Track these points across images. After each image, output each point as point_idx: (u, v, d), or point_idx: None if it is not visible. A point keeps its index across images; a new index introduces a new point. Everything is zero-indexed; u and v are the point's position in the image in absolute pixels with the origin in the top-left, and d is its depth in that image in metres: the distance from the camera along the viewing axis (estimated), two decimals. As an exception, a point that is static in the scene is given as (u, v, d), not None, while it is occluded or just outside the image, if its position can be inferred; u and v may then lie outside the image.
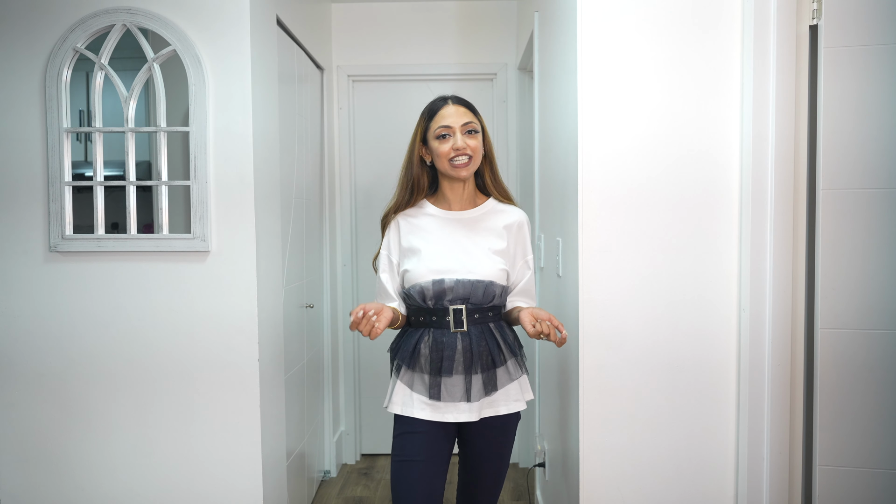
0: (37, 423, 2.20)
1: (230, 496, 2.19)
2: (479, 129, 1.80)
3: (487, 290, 1.76)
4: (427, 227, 1.83)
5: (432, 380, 1.75)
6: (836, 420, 1.75)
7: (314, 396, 3.09)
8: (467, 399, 1.74)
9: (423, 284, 1.76)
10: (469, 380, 1.74)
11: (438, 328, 1.76)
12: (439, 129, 1.77)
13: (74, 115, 2.31)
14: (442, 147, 1.77)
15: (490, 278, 1.77)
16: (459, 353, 1.74)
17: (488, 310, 1.79)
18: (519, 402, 1.81)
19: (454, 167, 1.77)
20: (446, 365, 1.73)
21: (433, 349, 1.75)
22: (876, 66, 1.69)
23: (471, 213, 1.85)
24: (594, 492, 1.89)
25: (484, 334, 1.77)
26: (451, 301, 1.75)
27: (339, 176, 3.46)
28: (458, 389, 1.74)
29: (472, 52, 3.41)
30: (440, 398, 1.74)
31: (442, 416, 1.75)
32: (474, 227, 1.83)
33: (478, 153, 1.79)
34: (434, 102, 1.84)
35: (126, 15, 2.09)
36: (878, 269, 1.72)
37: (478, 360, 1.74)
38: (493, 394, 1.77)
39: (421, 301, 1.77)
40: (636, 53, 1.83)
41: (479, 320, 1.77)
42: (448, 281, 1.75)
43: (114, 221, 2.29)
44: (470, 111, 1.81)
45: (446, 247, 1.80)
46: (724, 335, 1.85)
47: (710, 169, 1.83)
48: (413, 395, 1.77)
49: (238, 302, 2.15)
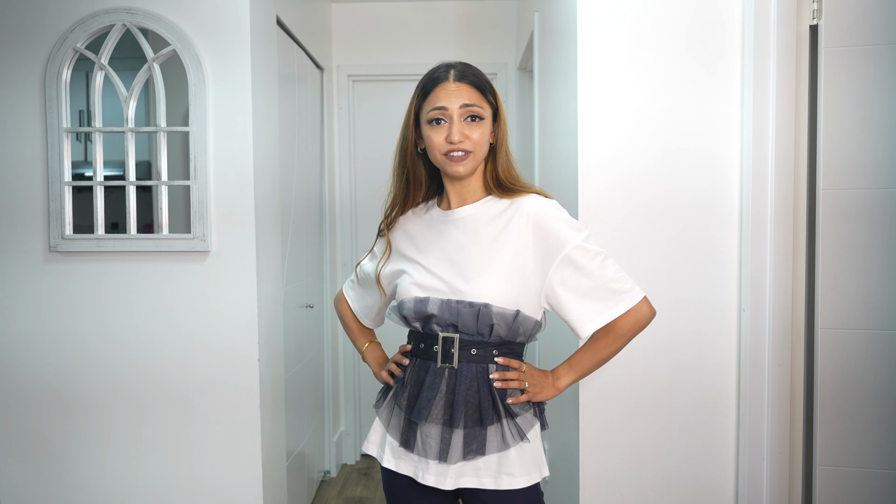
0: (37, 423, 2.20)
1: (230, 496, 2.18)
2: (484, 116, 1.34)
3: (482, 317, 1.31)
4: (420, 232, 1.43)
5: (406, 424, 1.37)
6: (836, 420, 1.75)
7: (314, 396, 3.09)
8: (445, 459, 1.32)
9: (406, 302, 1.37)
10: (449, 433, 1.32)
11: (424, 358, 1.37)
12: (432, 113, 1.34)
13: (74, 115, 2.31)
14: (434, 136, 1.34)
15: (485, 300, 1.31)
16: (441, 395, 1.33)
17: (493, 346, 1.34)
18: (514, 478, 1.34)
19: (450, 161, 1.34)
20: (423, 407, 1.33)
21: (413, 383, 1.38)
22: (876, 66, 1.69)
23: (464, 212, 1.39)
24: (594, 492, 1.89)
25: (478, 378, 1.33)
26: (443, 328, 1.35)
27: (339, 175, 3.46)
28: (433, 442, 1.33)
29: (471, 52, 3.41)
30: (412, 448, 1.35)
31: (407, 470, 1.38)
32: (473, 230, 1.38)
33: (480, 146, 1.35)
34: (432, 72, 1.38)
35: (126, 15, 2.09)
36: (878, 270, 1.71)
37: (460, 410, 1.32)
38: (475, 459, 1.33)
39: (406, 322, 1.41)
40: (636, 53, 1.83)
41: (476, 358, 1.33)
42: (432, 302, 1.34)
43: (114, 221, 2.29)
44: (476, 89, 1.34)
45: (435, 257, 1.38)
46: (725, 335, 1.85)
47: (710, 169, 1.83)
48: (387, 436, 1.42)
49: (238, 302, 2.15)
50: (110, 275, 2.16)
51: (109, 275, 2.16)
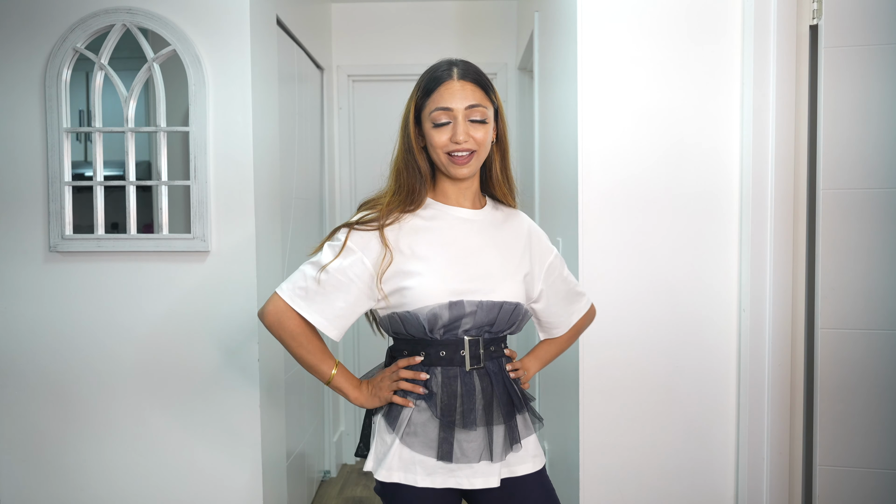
0: (37, 424, 2.20)
1: (230, 496, 2.18)
2: (488, 116, 1.35)
3: (514, 316, 1.38)
4: (435, 232, 1.38)
5: (443, 435, 1.33)
6: (836, 420, 1.75)
7: (314, 396, 3.09)
8: (489, 458, 1.34)
9: (435, 309, 1.32)
10: (490, 432, 1.34)
11: (448, 366, 1.35)
12: (437, 113, 1.33)
13: (74, 115, 2.31)
14: (438, 136, 1.33)
15: (517, 299, 1.37)
16: (479, 397, 1.34)
17: (503, 340, 1.42)
18: (538, 458, 1.42)
19: (453, 162, 1.34)
20: (466, 415, 1.33)
21: (446, 394, 1.34)
22: (876, 66, 1.69)
23: (481, 215, 1.42)
24: (594, 492, 1.89)
25: (502, 373, 1.38)
26: (467, 331, 1.35)
27: (339, 176, 3.46)
28: (477, 445, 1.33)
29: (472, 52, 3.41)
30: (451, 458, 1.33)
31: (448, 483, 1.33)
32: (494, 233, 1.42)
33: (484, 146, 1.35)
34: (434, 69, 1.37)
35: (126, 15, 2.09)
36: (878, 269, 1.71)
37: (499, 407, 1.36)
38: (516, 449, 1.38)
39: (422, 331, 1.34)
40: (636, 53, 1.83)
41: (495, 354, 1.39)
42: (469, 304, 1.33)
43: (114, 221, 2.29)
44: (480, 89, 1.35)
45: (464, 258, 1.36)
46: (725, 335, 1.85)
47: (710, 168, 1.83)
48: (415, 456, 1.34)
49: (238, 302, 2.15)
50: (110, 275, 2.16)
51: (109, 275, 2.16)
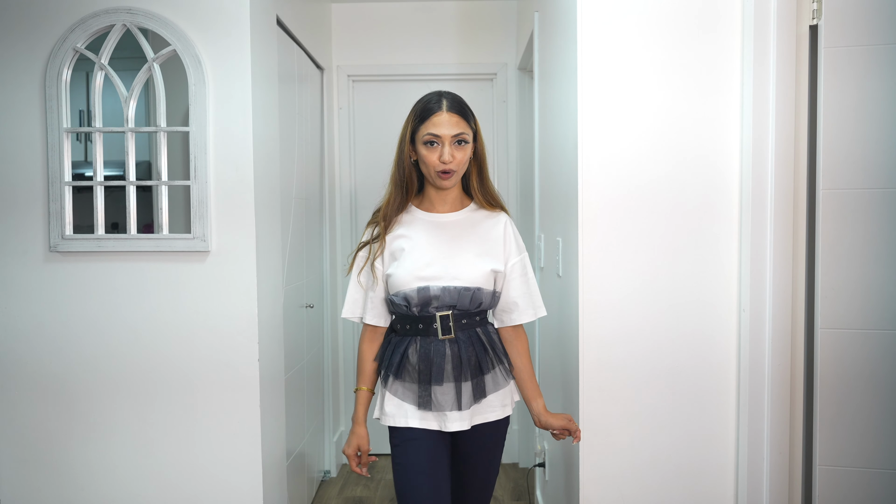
0: (37, 423, 2.20)
1: (230, 496, 2.19)
2: (469, 140, 1.73)
3: (475, 297, 1.72)
4: (412, 231, 1.78)
5: (422, 389, 1.72)
6: (836, 420, 1.75)
7: (314, 396, 3.09)
8: (458, 407, 1.72)
9: (408, 292, 1.71)
10: (459, 387, 1.72)
11: (425, 336, 1.73)
12: (428, 136, 1.70)
13: (74, 115, 2.31)
14: (429, 155, 1.71)
15: (477, 285, 1.73)
16: (448, 360, 1.72)
17: (475, 314, 1.75)
18: (506, 408, 1.80)
19: (440, 177, 1.72)
20: (436, 374, 1.71)
21: (421, 358, 1.72)
22: (876, 66, 1.69)
23: (455, 217, 1.79)
24: (594, 492, 1.89)
25: (472, 340, 1.74)
26: (438, 308, 1.72)
27: (339, 176, 3.47)
28: (449, 398, 1.72)
29: (471, 52, 3.41)
30: (430, 408, 1.72)
31: (432, 425, 1.73)
32: (460, 231, 1.78)
33: (462, 165, 1.73)
34: (427, 102, 1.74)
35: (126, 15, 2.09)
36: (878, 270, 1.72)
37: (467, 367, 1.72)
38: (481, 401, 1.76)
39: (406, 308, 1.73)
40: (636, 53, 1.83)
41: (467, 325, 1.74)
42: (434, 288, 1.71)
43: (114, 221, 2.29)
44: (463, 120, 1.72)
45: (431, 252, 1.75)
46: (725, 335, 1.85)
47: (710, 169, 1.83)
48: (404, 405, 1.75)
49: (238, 302, 2.15)
50: (110, 275, 2.16)
51: (109, 275, 2.16)
